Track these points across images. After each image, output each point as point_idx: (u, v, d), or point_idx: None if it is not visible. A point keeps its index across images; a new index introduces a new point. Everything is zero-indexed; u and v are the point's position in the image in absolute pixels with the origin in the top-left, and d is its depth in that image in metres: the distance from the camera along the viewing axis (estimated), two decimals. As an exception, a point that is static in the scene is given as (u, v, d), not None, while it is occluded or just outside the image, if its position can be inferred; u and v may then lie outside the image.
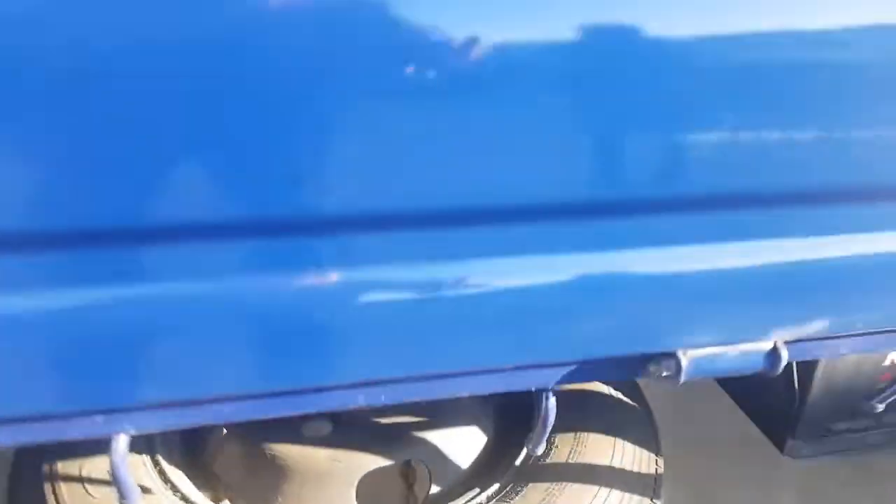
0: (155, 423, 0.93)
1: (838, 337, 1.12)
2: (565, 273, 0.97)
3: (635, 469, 1.48)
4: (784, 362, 1.08)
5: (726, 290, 1.04)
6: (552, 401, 1.15)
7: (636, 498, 1.42)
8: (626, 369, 1.11)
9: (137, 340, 0.85)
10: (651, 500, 1.47)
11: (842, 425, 1.87)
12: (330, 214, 0.83)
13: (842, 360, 1.63)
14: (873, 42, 0.88)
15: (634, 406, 1.68)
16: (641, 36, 0.81)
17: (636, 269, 1.00)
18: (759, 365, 1.08)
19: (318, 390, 0.95)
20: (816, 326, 1.08)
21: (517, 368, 1.03)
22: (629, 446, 1.57)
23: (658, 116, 0.88)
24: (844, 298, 1.07)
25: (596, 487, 1.39)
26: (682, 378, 1.05)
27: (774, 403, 1.86)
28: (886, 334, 1.13)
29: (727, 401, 2.06)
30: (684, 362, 1.05)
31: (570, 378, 1.09)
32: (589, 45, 0.80)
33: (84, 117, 0.72)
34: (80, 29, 0.68)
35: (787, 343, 1.08)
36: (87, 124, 0.72)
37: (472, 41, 0.75)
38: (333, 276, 0.87)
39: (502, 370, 1.03)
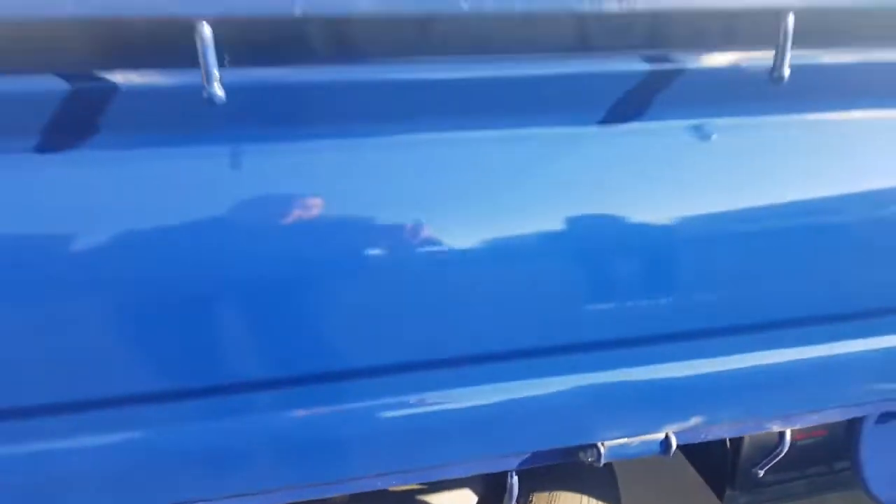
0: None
1: (714, 425, 1.59)
2: (517, 394, 1.45)
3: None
4: (674, 447, 1.54)
5: (629, 400, 1.51)
6: (515, 479, 1.61)
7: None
8: (564, 455, 1.58)
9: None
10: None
11: (769, 477, 2.26)
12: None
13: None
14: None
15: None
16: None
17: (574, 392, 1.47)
18: (656, 449, 1.55)
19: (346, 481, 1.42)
20: (695, 422, 1.55)
21: (484, 458, 1.51)
22: (594, 501, 2.02)
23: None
24: (711, 405, 1.54)
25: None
26: (602, 461, 1.52)
27: (714, 456, 2.26)
28: (748, 422, 1.59)
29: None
30: (603, 450, 1.52)
31: (527, 462, 1.56)
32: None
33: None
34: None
35: (675, 432, 1.55)
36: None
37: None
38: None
39: (473, 459, 1.50)
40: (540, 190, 1.29)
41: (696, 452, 2.38)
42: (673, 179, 1.32)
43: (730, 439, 2.13)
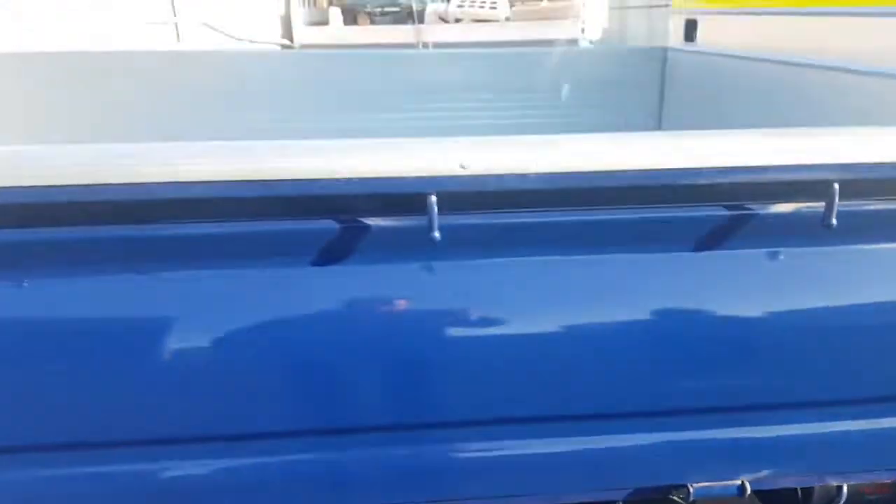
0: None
1: (781, 477, 2.05)
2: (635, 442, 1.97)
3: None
4: (748, 491, 2.02)
5: (715, 453, 2.01)
6: (623, 507, 2.12)
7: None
8: (661, 491, 2.08)
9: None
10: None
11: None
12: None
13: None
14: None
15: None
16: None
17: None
18: (734, 492, 2.03)
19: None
20: (765, 474, 2.02)
21: (601, 490, 2.03)
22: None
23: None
24: (778, 461, 2.01)
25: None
26: (690, 499, 2.01)
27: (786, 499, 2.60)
28: (810, 476, 2.05)
29: None
30: (692, 490, 2.02)
31: (632, 495, 2.06)
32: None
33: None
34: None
35: (749, 480, 2.03)
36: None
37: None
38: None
39: (594, 490, 2.02)
40: (648, 297, 1.83)
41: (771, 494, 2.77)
42: (748, 294, 1.84)
43: (800, 488, 2.52)
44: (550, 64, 2.81)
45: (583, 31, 12.16)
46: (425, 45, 12.27)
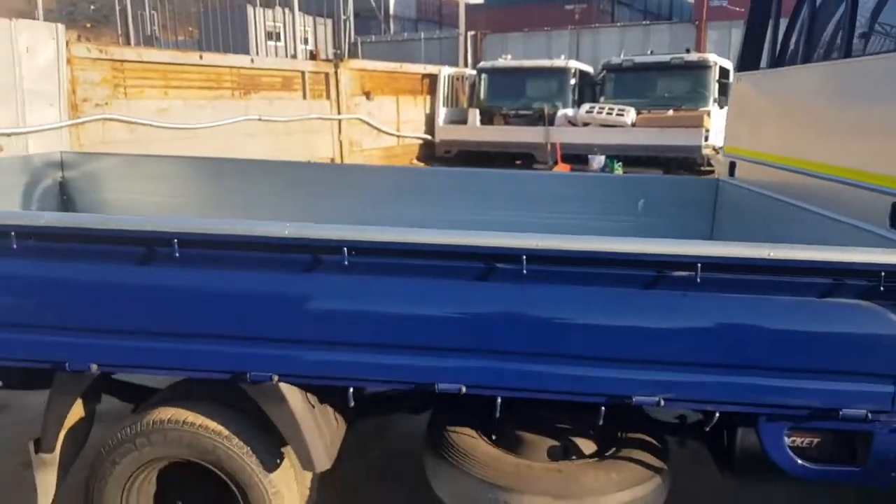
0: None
1: None
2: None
3: None
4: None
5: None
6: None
7: None
8: None
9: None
10: None
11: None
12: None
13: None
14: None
15: None
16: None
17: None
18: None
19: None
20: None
21: None
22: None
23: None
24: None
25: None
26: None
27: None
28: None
29: None
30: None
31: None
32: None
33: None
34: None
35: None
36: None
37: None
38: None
39: None
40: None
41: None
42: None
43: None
44: (632, 184, 3.55)
45: (706, 138, 12.71)
46: (552, 146, 13.28)
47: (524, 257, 1.70)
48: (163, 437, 1.97)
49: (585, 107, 12.95)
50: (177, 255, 1.78)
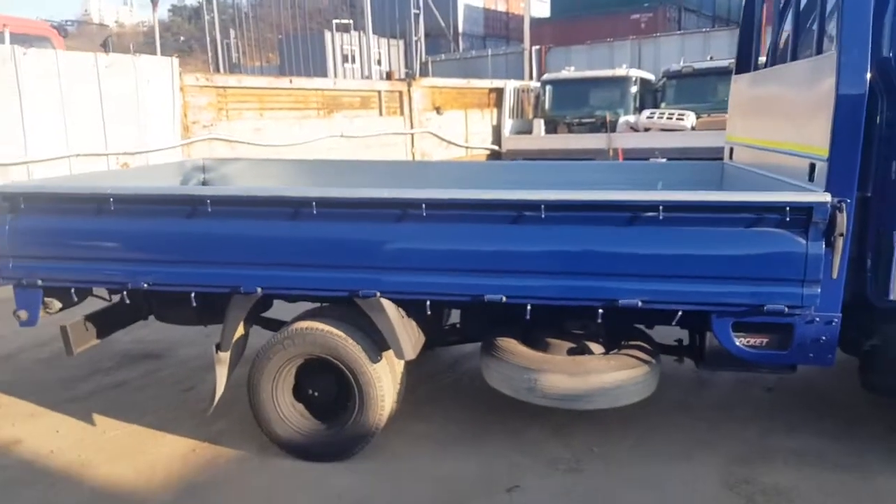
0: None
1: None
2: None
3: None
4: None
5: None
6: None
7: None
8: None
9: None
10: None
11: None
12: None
13: None
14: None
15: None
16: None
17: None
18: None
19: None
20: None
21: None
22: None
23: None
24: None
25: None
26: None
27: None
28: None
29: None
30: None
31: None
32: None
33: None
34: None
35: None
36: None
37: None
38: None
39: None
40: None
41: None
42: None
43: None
44: (654, 169, 4.33)
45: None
46: (615, 151, 13.87)
47: (542, 206, 2.54)
48: (303, 340, 2.89)
49: (646, 112, 13.52)
50: (314, 213, 2.71)
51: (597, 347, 2.93)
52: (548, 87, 15.05)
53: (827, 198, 2.35)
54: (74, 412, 3.54)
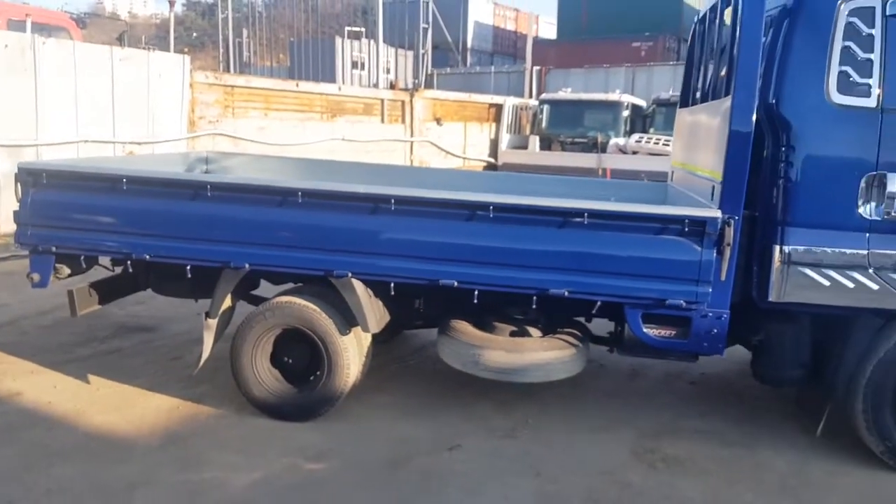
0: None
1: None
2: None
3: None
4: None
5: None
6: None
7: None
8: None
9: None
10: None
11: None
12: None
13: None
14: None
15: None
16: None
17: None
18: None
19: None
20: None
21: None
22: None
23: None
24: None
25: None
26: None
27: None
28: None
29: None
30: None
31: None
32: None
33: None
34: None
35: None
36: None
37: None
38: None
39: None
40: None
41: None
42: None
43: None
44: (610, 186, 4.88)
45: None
46: (604, 171, 14.39)
47: (491, 207, 3.02)
48: (282, 311, 3.32)
49: (635, 136, 14.09)
50: (300, 202, 3.15)
51: (535, 332, 3.38)
52: (545, 106, 15.62)
53: (718, 214, 2.84)
54: (71, 371, 3.92)
